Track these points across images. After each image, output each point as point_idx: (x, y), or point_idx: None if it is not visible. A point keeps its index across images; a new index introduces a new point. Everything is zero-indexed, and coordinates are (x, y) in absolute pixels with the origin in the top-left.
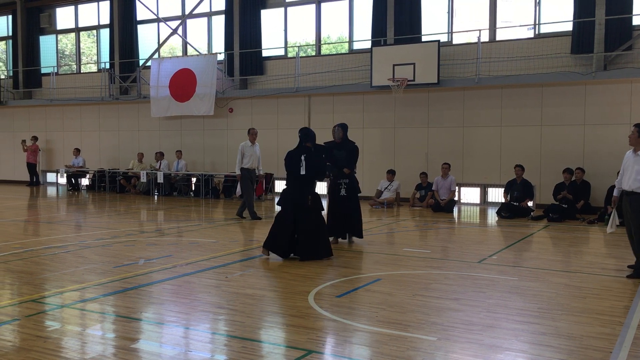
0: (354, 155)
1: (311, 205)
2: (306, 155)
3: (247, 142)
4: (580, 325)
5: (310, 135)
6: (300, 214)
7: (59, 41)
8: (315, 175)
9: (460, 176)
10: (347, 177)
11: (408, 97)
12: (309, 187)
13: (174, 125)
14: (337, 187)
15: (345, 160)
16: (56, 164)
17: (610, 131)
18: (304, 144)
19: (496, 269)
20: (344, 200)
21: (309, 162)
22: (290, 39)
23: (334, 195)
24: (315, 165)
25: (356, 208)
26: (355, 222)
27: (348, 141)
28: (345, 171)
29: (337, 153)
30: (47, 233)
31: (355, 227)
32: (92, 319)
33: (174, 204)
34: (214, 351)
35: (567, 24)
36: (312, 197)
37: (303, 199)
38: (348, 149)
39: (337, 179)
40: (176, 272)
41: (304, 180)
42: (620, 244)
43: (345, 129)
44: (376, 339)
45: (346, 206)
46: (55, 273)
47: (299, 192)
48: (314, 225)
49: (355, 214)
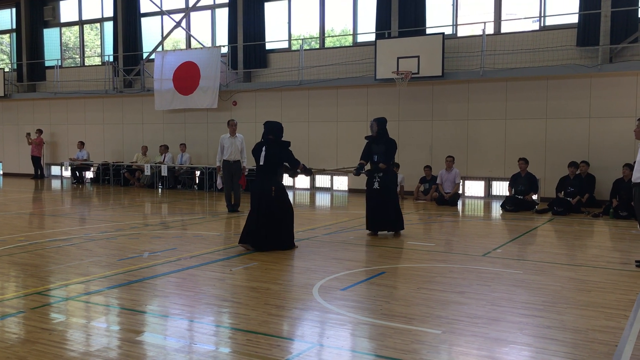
0: (390, 149)
1: (274, 196)
2: (266, 147)
3: (226, 135)
4: (586, 318)
5: (275, 128)
6: (262, 204)
7: (63, 34)
8: (277, 167)
9: (464, 169)
10: (381, 171)
11: (412, 90)
12: (271, 179)
13: (177, 118)
14: (372, 181)
15: (383, 154)
16: (60, 157)
17: (615, 124)
18: (268, 136)
19: (501, 262)
20: (377, 193)
21: (268, 153)
22: (294, 32)
23: (368, 189)
24: (274, 157)
25: (390, 202)
26: (391, 216)
27: (386, 135)
28: (380, 166)
29: (374, 147)
30: (51, 226)
31: (391, 221)
32: (96, 311)
33: (178, 197)
34: (218, 344)
35: (573, 17)
36: (275, 189)
37: (264, 189)
38: (386, 143)
39: (372, 173)
40: (180, 265)
41: (263, 171)
42: (625, 237)
43: (381, 123)
44: (380, 332)
45: (379, 200)
46: (60, 266)
47: (261, 183)
48: (275, 217)
49: (389, 207)
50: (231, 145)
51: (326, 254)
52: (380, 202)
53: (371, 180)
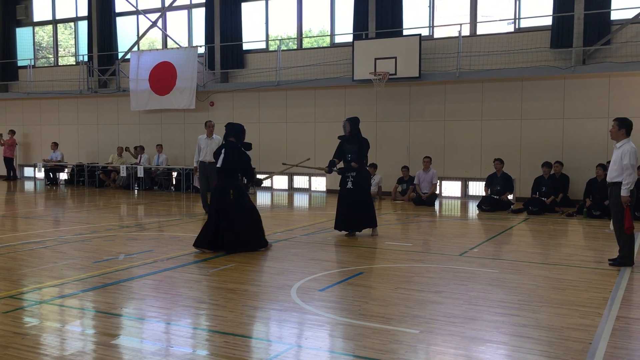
0: (363, 149)
1: (233, 199)
2: (225, 149)
3: (203, 135)
4: (560, 316)
5: (235, 130)
6: (222, 207)
7: (36, 33)
8: (235, 169)
9: (441, 170)
10: (354, 170)
11: (390, 90)
12: (230, 182)
13: (154, 119)
14: (345, 180)
15: (356, 153)
16: (34, 158)
17: (588, 125)
18: (229, 138)
19: (477, 261)
20: (350, 193)
21: (227, 156)
22: (271, 32)
23: (341, 189)
24: (232, 160)
25: (363, 200)
26: (364, 214)
27: (358, 135)
28: (353, 165)
29: (347, 147)
30: (24, 228)
31: (365, 219)
32: (71, 315)
33: (154, 198)
34: (195, 346)
35: (547, 19)
36: (234, 192)
37: (223, 192)
38: (359, 142)
39: (345, 172)
40: (157, 267)
41: (222, 174)
42: (598, 236)
43: (353, 122)
44: (359, 333)
45: (352, 199)
46: (34, 269)
47: (219, 186)
48: (237, 219)
49: (362, 206)
50: (207, 147)
51: (304, 254)
52: (353, 200)
53: (344, 179)
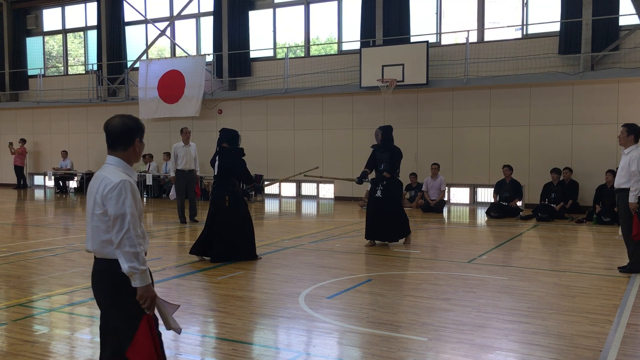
0: (395, 158)
1: (228, 206)
2: (219, 156)
3: (180, 143)
4: (570, 324)
5: (229, 136)
6: (218, 214)
7: (46, 43)
8: (230, 175)
9: (449, 176)
10: (384, 180)
11: (397, 97)
12: (225, 188)
13: (162, 127)
14: (375, 189)
15: (388, 162)
16: (44, 167)
17: (597, 131)
18: (222, 144)
19: (486, 268)
20: (379, 202)
21: (221, 161)
22: (279, 40)
23: (370, 198)
24: (226, 165)
25: (393, 210)
26: (393, 224)
27: (390, 143)
28: (384, 175)
29: (379, 155)
30: (34, 236)
31: (393, 229)
32: (80, 322)
33: (163, 206)
34: (204, 354)
35: (555, 25)
36: (229, 198)
37: (218, 199)
38: (390, 151)
39: (376, 181)
40: (165, 274)
41: (218, 180)
42: (608, 243)
43: (385, 131)
44: (367, 340)
45: (381, 208)
46: (43, 277)
47: (216, 193)
48: (232, 227)
49: (392, 216)
50: (186, 154)
51: (312, 262)
52: (381, 210)
53: (374, 188)
